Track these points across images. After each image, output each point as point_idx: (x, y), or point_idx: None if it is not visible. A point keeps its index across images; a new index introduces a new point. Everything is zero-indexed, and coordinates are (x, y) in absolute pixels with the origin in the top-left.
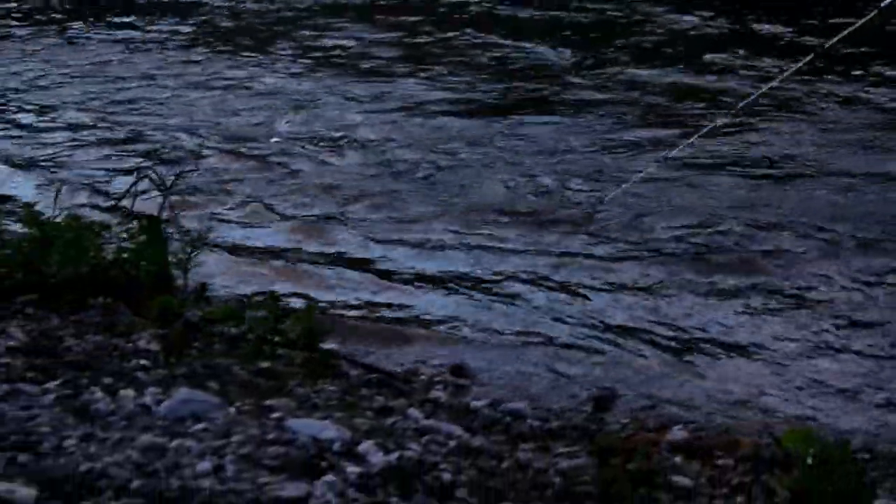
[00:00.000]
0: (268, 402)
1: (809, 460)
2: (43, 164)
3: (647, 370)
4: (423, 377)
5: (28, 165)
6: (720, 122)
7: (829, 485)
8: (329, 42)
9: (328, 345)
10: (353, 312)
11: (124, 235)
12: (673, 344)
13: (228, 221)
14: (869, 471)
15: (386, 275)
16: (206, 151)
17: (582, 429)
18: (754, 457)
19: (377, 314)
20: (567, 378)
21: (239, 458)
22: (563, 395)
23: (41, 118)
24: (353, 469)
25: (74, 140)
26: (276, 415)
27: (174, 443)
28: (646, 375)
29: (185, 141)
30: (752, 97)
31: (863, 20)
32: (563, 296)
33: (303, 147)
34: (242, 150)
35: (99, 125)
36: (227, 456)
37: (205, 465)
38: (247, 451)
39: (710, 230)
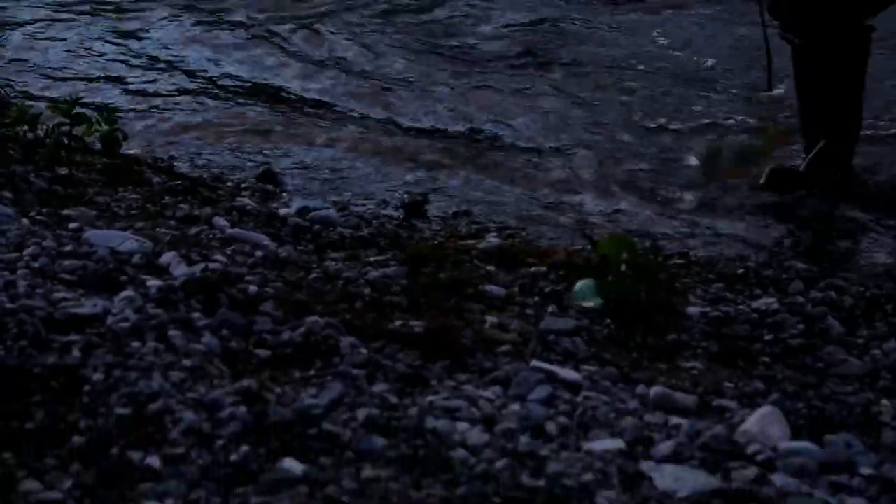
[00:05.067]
0: (65, 212)
1: (623, 267)
2: None
3: (463, 175)
4: (229, 184)
5: None
6: None
7: (641, 291)
8: None
9: (130, 151)
10: (160, 117)
11: None
12: (487, 148)
13: (30, 23)
14: (682, 276)
15: (192, 78)
16: None
17: (393, 237)
18: (568, 264)
19: (183, 120)
20: (380, 184)
21: (32, 272)
22: (375, 201)
23: None
24: (153, 282)
25: None
26: (73, 225)
27: None
28: (461, 181)
29: None
30: None
31: None
32: (384, 103)
33: None
34: None
35: None
36: (20, 270)
37: None
38: (41, 265)
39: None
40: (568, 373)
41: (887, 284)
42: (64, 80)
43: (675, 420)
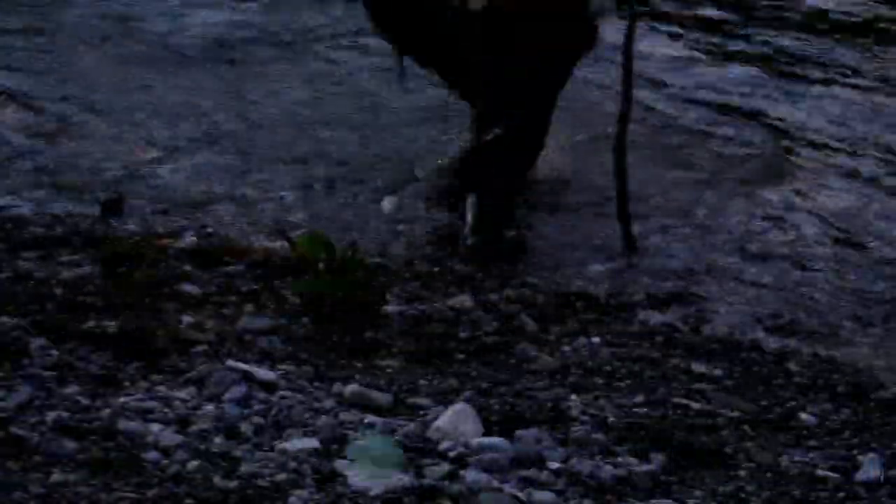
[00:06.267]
0: None
1: (321, 265)
2: None
3: (160, 173)
4: None
5: None
6: None
7: (339, 289)
8: None
9: None
10: None
11: None
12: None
13: None
14: (380, 275)
15: None
16: None
17: (88, 235)
18: (266, 263)
19: None
20: (75, 181)
21: None
22: (70, 199)
23: None
24: None
25: None
26: None
27: None
28: (160, 179)
29: None
30: None
31: None
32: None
33: None
34: None
35: None
36: None
37: None
38: None
39: None
40: (264, 372)
41: (577, 282)
42: None
43: (369, 418)
